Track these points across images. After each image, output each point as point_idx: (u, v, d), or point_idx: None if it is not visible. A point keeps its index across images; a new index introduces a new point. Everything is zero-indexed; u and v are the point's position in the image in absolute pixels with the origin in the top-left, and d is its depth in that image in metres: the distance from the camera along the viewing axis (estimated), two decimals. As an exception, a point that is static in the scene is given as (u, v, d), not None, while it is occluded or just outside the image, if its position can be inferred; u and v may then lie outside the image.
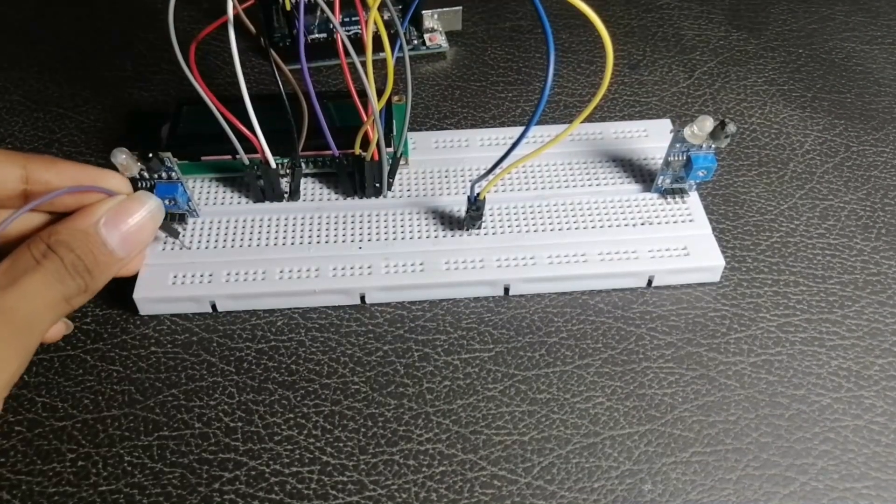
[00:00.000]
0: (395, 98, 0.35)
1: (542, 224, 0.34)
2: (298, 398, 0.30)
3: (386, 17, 0.43)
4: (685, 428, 0.29)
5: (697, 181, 0.34)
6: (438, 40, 0.45)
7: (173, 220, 0.34)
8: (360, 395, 0.30)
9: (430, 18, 0.45)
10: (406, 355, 0.31)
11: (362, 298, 0.33)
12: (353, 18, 0.44)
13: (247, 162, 0.33)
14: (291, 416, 0.30)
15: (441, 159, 0.37)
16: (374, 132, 0.32)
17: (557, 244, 0.34)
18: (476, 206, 0.33)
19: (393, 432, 0.29)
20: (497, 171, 0.31)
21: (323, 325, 0.32)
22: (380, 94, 0.31)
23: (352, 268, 0.33)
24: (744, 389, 0.30)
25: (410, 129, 0.38)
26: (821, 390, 0.30)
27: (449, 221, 0.35)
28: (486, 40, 0.46)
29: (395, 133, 0.36)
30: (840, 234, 0.36)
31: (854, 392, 0.30)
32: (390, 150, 0.35)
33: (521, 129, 0.38)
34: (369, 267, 0.33)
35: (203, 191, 0.36)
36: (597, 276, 0.33)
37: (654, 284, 0.34)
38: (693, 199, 0.35)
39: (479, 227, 0.34)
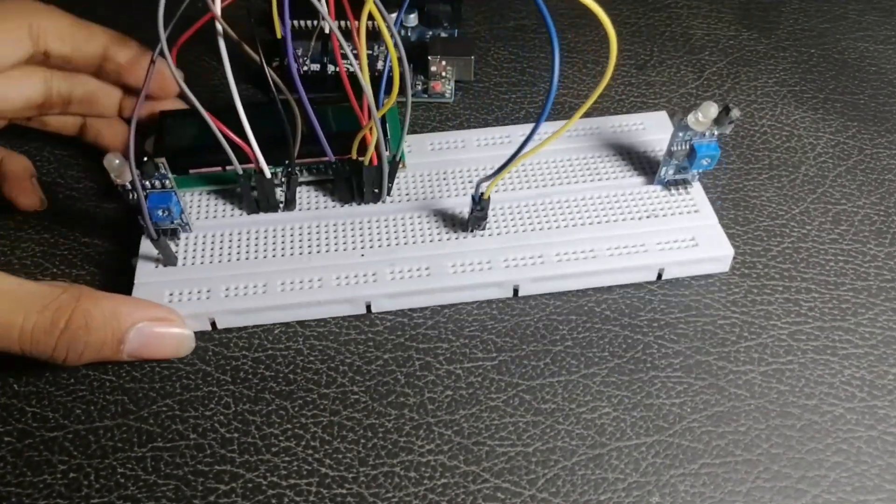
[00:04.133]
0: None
1: (546, 222, 0.34)
2: (296, 408, 0.30)
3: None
4: (694, 439, 0.29)
5: (701, 170, 0.34)
6: (441, 88, 0.41)
7: (165, 236, 0.32)
8: (359, 406, 0.30)
9: (438, 64, 0.41)
10: (407, 364, 0.31)
11: (368, 307, 0.32)
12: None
13: (241, 172, 0.32)
14: (289, 426, 0.29)
15: (438, 161, 0.37)
16: (373, 135, 0.31)
17: (565, 241, 0.33)
18: (480, 206, 0.32)
19: (393, 443, 0.29)
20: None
21: (321, 333, 0.32)
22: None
23: (356, 276, 0.32)
24: (754, 399, 0.30)
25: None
26: (833, 400, 0.30)
27: (451, 223, 0.34)
28: (490, 40, 0.46)
29: (389, 136, 0.35)
30: (853, 239, 0.35)
31: (867, 402, 0.30)
32: (390, 154, 0.34)
33: (519, 126, 0.38)
34: (374, 274, 0.32)
35: (194, 205, 0.35)
36: (606, 271, 0.33)
37: (664, 277, 0.33)
38: (696, 189, 0.35)
39: (483, 228, 0.34)
